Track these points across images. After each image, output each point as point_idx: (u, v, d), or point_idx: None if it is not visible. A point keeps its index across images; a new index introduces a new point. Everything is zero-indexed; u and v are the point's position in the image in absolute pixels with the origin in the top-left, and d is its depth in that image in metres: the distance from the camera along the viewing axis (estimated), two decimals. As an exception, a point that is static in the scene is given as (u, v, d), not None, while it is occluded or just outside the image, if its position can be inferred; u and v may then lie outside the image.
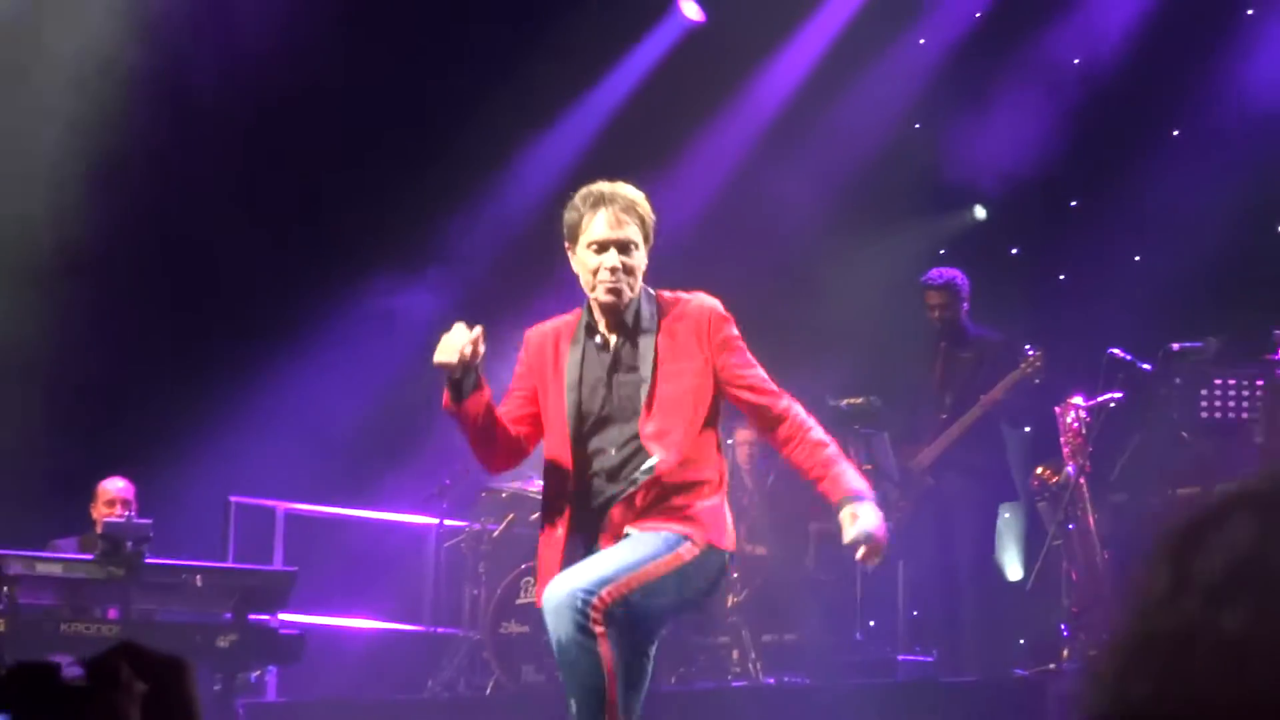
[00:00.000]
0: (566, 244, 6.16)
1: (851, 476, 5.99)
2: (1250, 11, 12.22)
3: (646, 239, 6.09)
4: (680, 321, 6.08)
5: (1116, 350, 10.10)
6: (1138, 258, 12.19)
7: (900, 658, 10.95)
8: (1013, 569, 12.20)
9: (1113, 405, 10.02)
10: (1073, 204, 12.93)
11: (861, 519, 5.90)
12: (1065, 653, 10.01)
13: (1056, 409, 10.21)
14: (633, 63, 14.02)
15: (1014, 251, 13.26)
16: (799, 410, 6.07)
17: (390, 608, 12.49)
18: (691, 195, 13.19)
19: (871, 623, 11.78)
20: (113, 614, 9.02)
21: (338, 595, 12.03)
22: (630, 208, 6.04)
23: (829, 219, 13.02)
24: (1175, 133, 12.39)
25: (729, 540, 6.04)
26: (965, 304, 10.88)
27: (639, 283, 6.08)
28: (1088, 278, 12.22)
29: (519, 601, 11.23)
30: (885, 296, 12.45)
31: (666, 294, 6.18)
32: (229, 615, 8.76)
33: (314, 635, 10.09)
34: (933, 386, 11.02)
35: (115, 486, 10.99)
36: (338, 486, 12.97)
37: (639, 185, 6.18)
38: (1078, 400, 10.13)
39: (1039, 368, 10.56)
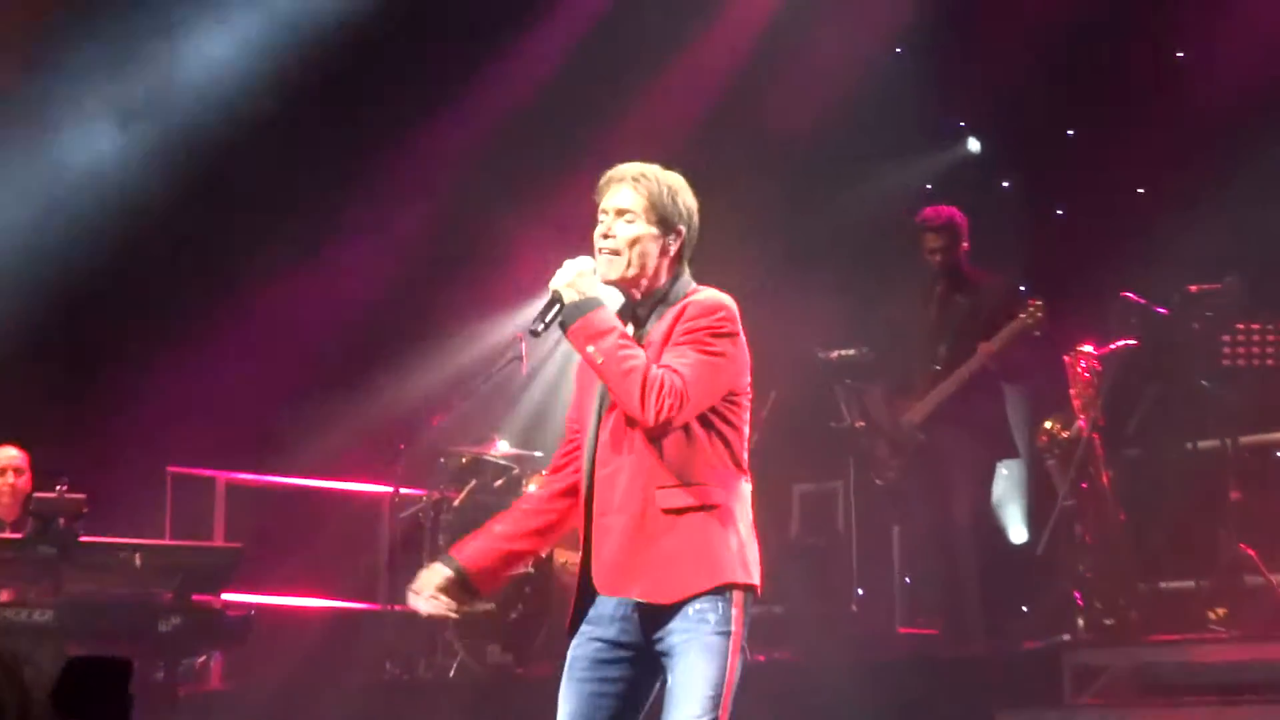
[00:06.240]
0: None
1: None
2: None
3: (656, 215, 5.21)
4: (672, 316, 5.20)
5: (1129, 293, 9.64)
6: (1141, 190, 11.55)
7: (900, 630, 10.30)
8: (1016, 531, 11.60)
9: (1126, 353, 9.59)
10: (1069, 132, 12.29)
11: None
12: (1080, 622, 9.58)
13: (1065, 358, 9.76)
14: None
15: (1005, 185, 12.68)
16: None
17: (342, 584, 12.21)
18: (676, 122, 12.50)
19: (859, 591, 11.05)
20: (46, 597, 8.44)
21: (285, 572, 11.80)
22: (636, 179, 5.24)
23: (812, 156, 12.34)
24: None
25: (749, 572, 5.12)
26: (965, 244, 10.17)
27: (646, 261, 5.22)
28: (1089, 212, 11.58)
29: (484, 577, 10.64)
30: (870, 238, 11.82)
31: (697, 291, 5.30)
32: (170, 595, 8.40)
33: (260, 616, 9.76)
34: (927, 334, 10.28)
35: (5, 455, 10.05)
36: (282, 455, 12.55)
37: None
38: (1088, 348, 9.70)
39: (1040, 319, 9.86)
